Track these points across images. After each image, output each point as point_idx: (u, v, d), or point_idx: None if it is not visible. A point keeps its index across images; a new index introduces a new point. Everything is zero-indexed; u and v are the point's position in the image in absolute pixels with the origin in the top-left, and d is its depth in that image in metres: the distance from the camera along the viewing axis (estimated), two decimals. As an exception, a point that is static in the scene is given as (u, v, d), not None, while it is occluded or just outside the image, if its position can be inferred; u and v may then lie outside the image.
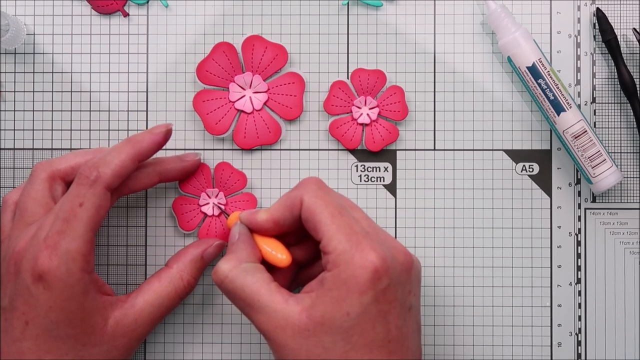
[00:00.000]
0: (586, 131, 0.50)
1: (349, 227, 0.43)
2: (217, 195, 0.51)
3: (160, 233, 0.52)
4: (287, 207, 0.45)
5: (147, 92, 0.53)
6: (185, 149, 0.53)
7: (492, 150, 0.53)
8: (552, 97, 0.49)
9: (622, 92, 0.52)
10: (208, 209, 0.51)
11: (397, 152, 0.53)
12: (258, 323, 0.43)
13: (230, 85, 0.52)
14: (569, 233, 0.53)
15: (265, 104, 0.52)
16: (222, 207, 0.51)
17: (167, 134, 0.47)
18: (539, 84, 0.49)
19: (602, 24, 0.51)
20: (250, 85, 0.52)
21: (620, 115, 0.53)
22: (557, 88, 0.49)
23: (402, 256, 0.43)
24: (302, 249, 0.48)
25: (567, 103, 0.50)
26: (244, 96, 0.52)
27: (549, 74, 0.49)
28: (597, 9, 0.52)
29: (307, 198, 0.44)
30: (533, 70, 0.50)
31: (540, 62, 0.50)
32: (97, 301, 0.44)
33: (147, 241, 0.52)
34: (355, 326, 0.41)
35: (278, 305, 0.42)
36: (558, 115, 0.50)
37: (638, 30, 0.52)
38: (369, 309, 0.41)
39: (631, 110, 0.52)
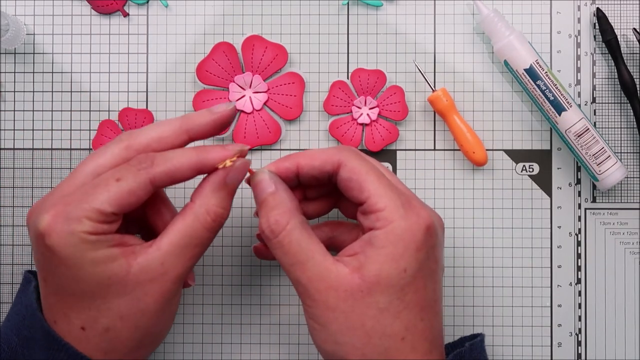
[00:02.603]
0: (588, 129, 0.50)
1: (396, 187, 0.42)
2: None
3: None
4: (320, 159, 0.43)
5: (147, 92, 0.53)
6: (185, 149, 0.53)
7: (492, 150, 0.53)
8: (552, 98, 0.49)
9: (622, 92, 0.52)
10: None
11: (397, 152, 0.53)
12: (307, 281, 0.40)
13: (230, 85, 0.52)
14: (569, 233, 0.53)
15: (265, 104, 0.52)
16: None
17: (227, 116, 0.44)
18: (538, 86, 0.49)
19: (602, 24, 0.51)
20: (250, 85, 0.52)
21: (620, 115, 0.53)
22: (556, 88, 0.49)
23: (439, 218, 0.43)
24: (316, 205, 0.47)
25: (567, 102, 0.50)
26: (244, 96, 0.52)
27: (547, 75, 0.49)
28: (597, 9, 0.52)
29: (350, 160, 0.42)
30: (531, 72, 0.50)
31: (538, 63, 0.50)
32: (109, 255, 0.41)
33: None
34: (410, 284, 0.40)
35: (331, 265, 0.40)
36: (559, 114, 0.50)
37: (638, 30, 0.52)
38: (423, 266, 0.41)
39: (631, 110, 0.52)
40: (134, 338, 0.42)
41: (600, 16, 0.51)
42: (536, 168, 0.53)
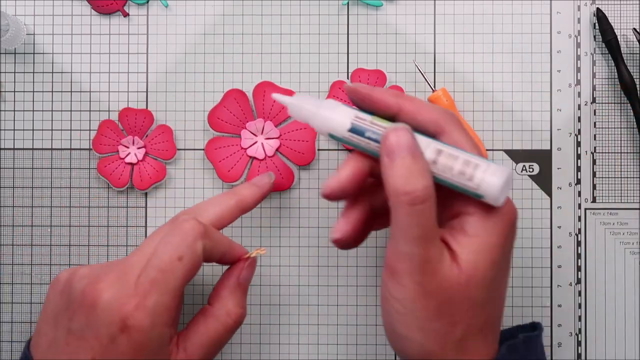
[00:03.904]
0: (441, 151, 0.39)
1: None
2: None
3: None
4: (427, 118, 0.40)
5: (147, 92, 0.53)
6: (185, 149, 0.53)
7: (492, 150, 0.53)
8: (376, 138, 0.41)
9: (622, 92, 0.52)
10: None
11: (397, 152, 0.53)
12: (421, 260, 0.38)
13: (242, 132, 0.52)
14: (569, 233, 0.53)
15: (277, 150, 0.52)
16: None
17: (270, 188, 0.48)
18: (369, 137, 0.40)
19: (602, 24, 0.51)
20: (262, 132, 0.52)
21: (620, 115, 0.53)
22: (376, 125, 0.41)
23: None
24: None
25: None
26: (255, 142, 0.52)
27: (373, 123, 0.41)
28: (597, 9, 0.52)
29: (455, 131, 0.40)
30: (355, 129, 0.41)
31: (357, 117, 0.41)
32: (166, 353, 0.42)
33: (147, 241, 0.52)
34: (498, 277, 0.39)
35: (442, 249, 0.38)
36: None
37: (638, 30, 0.52)
38: (509, 258, 0.40)
39: (631, 110, 0.52)
40: None
41: (600, 16, 0.51)
42: (536, 168, 0.53)
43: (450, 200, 0.40)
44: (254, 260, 0.46)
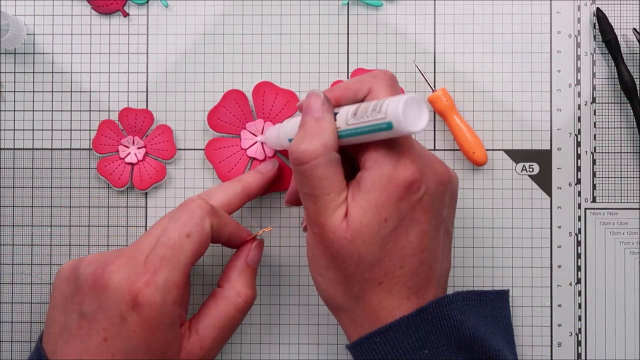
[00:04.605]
0: (361, 104, 0.40)
1: (409, 136, 0.41)
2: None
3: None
4: (352, 89, 0.42)
5: (147, 92, 0.53)
6: (185, 149, 0.53)
7: (492, 150, 0.53)
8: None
9: (622, 92, 0.52)
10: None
11: (397, 152, 0.53)
12: (313, 214, 0.41)
13: (242, 132, 0.52)
14: (569, 233, 0.53)
15: (277, 150, 0.52)
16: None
17: (274, 175, 0.50)
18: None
19: (602, 24, 0.51)
20: (262, 132, 0.52)
21: (620, 115, 0.53)
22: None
23: (440, 168, 0.42)
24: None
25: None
26: (255, 143, 0.52)
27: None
28: (597, 9, 0.52)
29: (379, 88, 0.41)
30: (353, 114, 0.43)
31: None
32: (177, 333, 0.43)
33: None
34: (390, 234, 0.40)
35: (335, 208, 0.40)
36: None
37: (638, 30, 0.52)
38: (406, 216, 0.40)
39: (631, 110, 0.52)
40: None
41: (600, 16, 0.51)
42: (536, 168, 0.53)
43: (359, 151, 0.41)
44: (261, 241, 0.47)
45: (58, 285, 0.44)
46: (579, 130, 0.52)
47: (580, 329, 0.52)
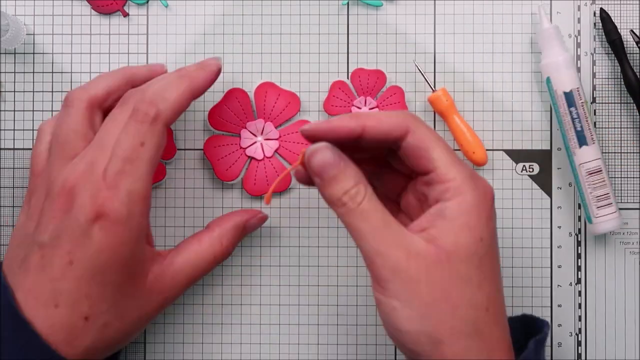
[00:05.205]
0: (601, 170, 0.50)
1: (460, 159, 0.42)
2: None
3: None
4: (390, 125, 0.41)
5: (147, 92, 0.53)
6: (185, 149, 0.53)
7: (492, 150, 0.53)
8: (579, 129, 0.49)
9: (622, 92, 0.52)
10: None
11: (397, 152, 0.53)
12: (386, 249, 0.39)
13: (242, 131, 0.52)
14: (569, 233, 0.53)
15: (276, 151, 0.52)
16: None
17: (218, 72, 0.46)
18: (570, 112, 0.49)
19: (607, 24, 0.51)
20: (262, 132, 0.52)
21: (621, 115, 0.53)
22: (587, 121, 0.49)
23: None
24: (387, 180, 0.45)
25: (592, 138, 0.50)
26: (255, 142, 0.52)
27: (582, 106, 0.49)
28: (601, 9, 0.51)
29: (419, 128, 0.41)
30: (569, 97, 0.49)
31: (578, 91, 0.49)
32: (144, 251, 0.42)
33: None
34: (487, 253, 0.40)
35: (409, 234, 0.39)
36: (579, 147, 0.49)
37: (635, 32, 0.52)
38: (494, 235, 0.41)
39: (631, 110, 0.52)
40: (116, 340, 0.42)
41: (604, 17, 0.51)
42: (536, 168, 0.53)
43: (428, 187, 0.41)
44: (266, 216, 0.49)
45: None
46: (579, 130, 0.52)
47: (580, 329, 0.52)
